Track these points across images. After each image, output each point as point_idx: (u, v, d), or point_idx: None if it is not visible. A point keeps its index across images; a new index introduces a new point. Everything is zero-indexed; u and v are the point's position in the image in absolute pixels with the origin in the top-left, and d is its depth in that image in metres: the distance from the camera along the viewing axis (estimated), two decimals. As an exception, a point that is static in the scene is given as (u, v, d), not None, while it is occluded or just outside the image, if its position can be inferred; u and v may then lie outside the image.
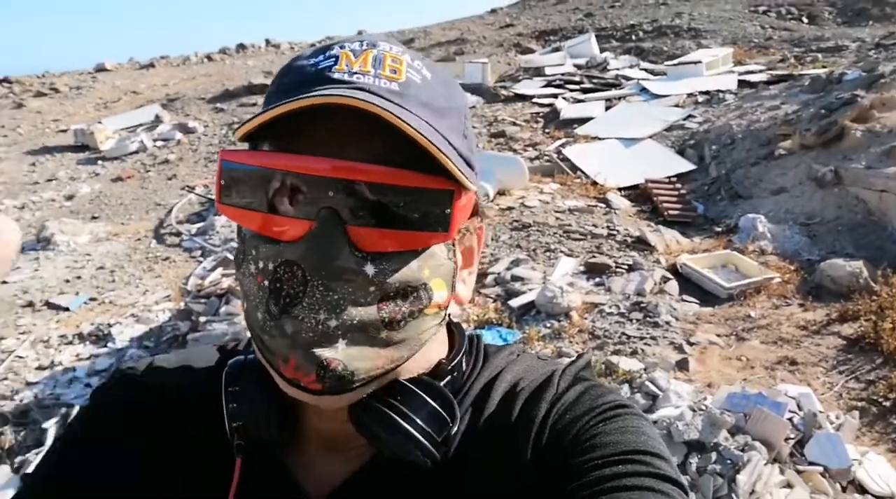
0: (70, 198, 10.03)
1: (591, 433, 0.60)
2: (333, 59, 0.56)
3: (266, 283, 0.54)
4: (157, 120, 13.45)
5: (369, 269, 0.53)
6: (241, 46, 24.12)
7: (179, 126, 12.79)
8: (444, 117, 0.57)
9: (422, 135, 0.51)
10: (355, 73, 0.55)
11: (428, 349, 0.63)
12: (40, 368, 5.11)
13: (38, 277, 6.91)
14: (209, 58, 22.60)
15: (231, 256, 5.97)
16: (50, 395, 4.72)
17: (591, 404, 0.63)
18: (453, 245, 0.61)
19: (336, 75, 0.55)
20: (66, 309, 6.15)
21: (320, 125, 0.54)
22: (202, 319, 4.74)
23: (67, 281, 6.83)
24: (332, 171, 0.52)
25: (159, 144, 12.17)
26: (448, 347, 0.70)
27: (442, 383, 0.64)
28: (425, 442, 0.59)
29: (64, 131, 13.60)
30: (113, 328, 5.54)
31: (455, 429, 0.62)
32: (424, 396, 0.61)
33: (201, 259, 6.86)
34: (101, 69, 21.00)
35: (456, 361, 0.67)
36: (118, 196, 9.83)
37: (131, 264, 7.20)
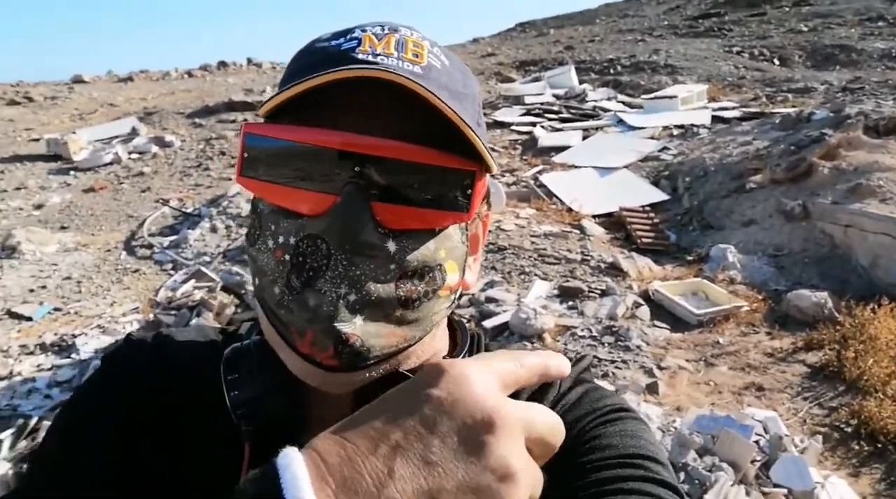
0: (39, 207, 9.84)
1: (592, 435, 0.60)
2: (356, 41, 0.57)
3: (287, 257, 0.54)
4: (134, 132, 13.32)
5: (391, 245, 0.54)
6: (223, 64, 24.13)
7: (156, 139, 12.68)
8: (461, 102, 0.58)
9: (454, 111, 0.52)
10: (379, 55, 0.55)
11: (433, 339, 0.63)
12: (-2, 378, 4.96)
13: (0, 286, 6.74)
14: (189, 74, 22.56)
15: (203, 269, 5.90)
16: (7, 405, 4.58)
17: (592, 406, 0.64)
18: (466, 229, 0.61)
19: (360, 56, 0.55)
20: (29, 319, 6.00)
21: (344, 101, 0.54)
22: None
23: (32, 290, 6.67)
24: (357, 146, 0.52)
25: (134, 156, 12.04)
26: (451, 344, 0.70)
27: None
28: None
29: (36, 140, 13.39)
30: (77, 339, 5.41)
31: None
32: None
33: (172, 272, 6.76)
34: (78, 81, 20.83)
35: (460, 357, 0.67)
36: (89, 207, 9.68)
37: (99, 275, 7.06)
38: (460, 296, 0.65)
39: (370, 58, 0.55)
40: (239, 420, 0.61)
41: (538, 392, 0.65)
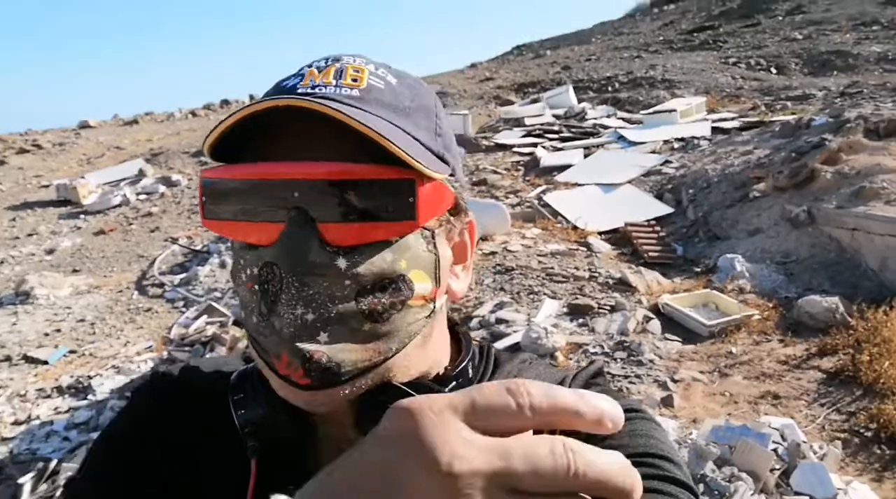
0: (51, 252, 9.96)
1: (601, 437, 0.60)
2: (300, 76, 0.60)
3: (256, 287, 0.56)
4: (141, 174, 13.50)
5: (341, 262, 0.55)
6: (225, 102, 24.48)
7: (163, 179, 12.85)
8: (408, 117, 0.60)
9: (358, 122, 0.53)
10: (317, 85, 0.58)
11: (427, 352, 0.63)
12: (16, 423, 4.99)
13: (15, 332, 6.80)
14: (193, 113, 22.89)
15: (215, 305, 5.95)
16: (26, 450, 4.60)
17: None
18: (432, 237, 0.61)
19: (300, 90, 0.58)
20: (45, 362, 6.05)
21: (275, 135, 0.58)
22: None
23: (47, 334, 6.74)
24: (289, 174, 0.54)
25: (142, 197, 12.20)
26: (454, 354, 0.71)
27: (447, 390, 0.63)
28: None
29: (46, 187, 13.59)
30: (93, 380, 5.44)
31: None
32: None
33: (184, 309, 6.81)
34: (84, 126, 21.16)
35: (461, 367, 0.67)
36: (100, 249, 9.79)
37: (112, 316, 7.13)
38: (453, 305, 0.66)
39: (308, 89, 0.58)
40: (246, 438, 0.64)
41: None
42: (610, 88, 16.77)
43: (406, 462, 0.36)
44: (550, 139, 11.97)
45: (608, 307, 5.44)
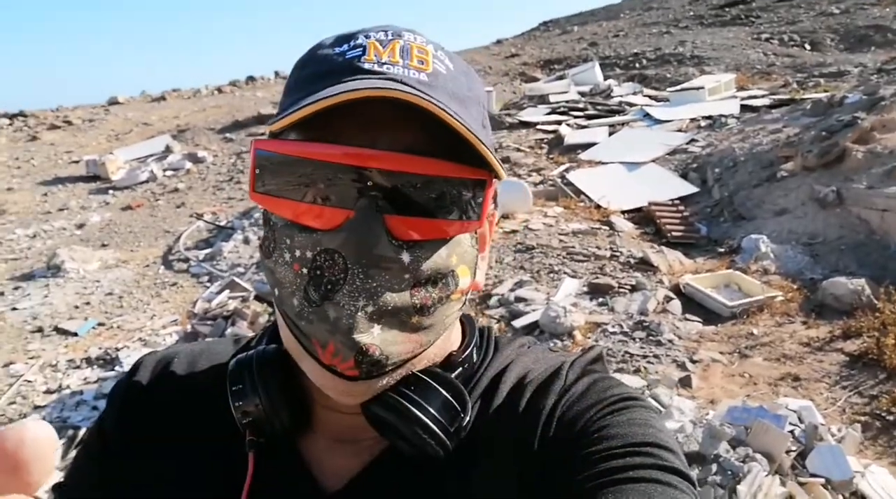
0: (81, 226, 10.17)
1: (599, 425, 0.60)
2: (361, 48, 0.57)
3: (305, 270, 0.54)
4: (168, 150, 13.67)
5: (405, 257, 0.54)
6: (251, 78, 24.57)
7: (189, 156, 13.01)
8: (468, 107, 0.58)
9: (461, 123, 0.52)
10: (384, 63, 0.55)
11: (445, 340, 0.64)
12: (48, 391, 5.15)
13: (47, 304, 6.99)
14: (219, 90, 23.02)
15: (237, 280, 6.04)
16: (57, 418, 4.75)
17: (598, 396, 0.63)
18: (476, 232, 0.61)
19: (366, 65, 0.55)
20: (75, 334, 6.22)
21: (352, 114, 0.54)
22: (208, 340, 4.79)
23: (76, 307, 6.91)
24: (367, 161, 0.52)
25: (169, 173, 12.37)
26: (460, 339, 0.71)
27: (453, 375, 0.64)
28: (439, 432, 0.59)
29: (76, 162, 13.85)
30: (120, 352, 5.59)
31: (467, 420, 0.62)
32: (437, 386, 0.61)
33: (208, 284, 6.93)
34: (113, 102, 21.44)
35: (467, 353, 0.68)
36: (128, 224, 9.97)
37: (139, 290, 7.28)
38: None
39: (376, 67, 0.55)
40: (244, 430, 0.63)
41: (544, 383, 0.65)
42: (637, 65, 16.47)
43: None
44: (575, 117, 11.83)
45: (629, 287, 5.41)
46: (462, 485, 0.61)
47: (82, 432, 4.34)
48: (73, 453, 4.25)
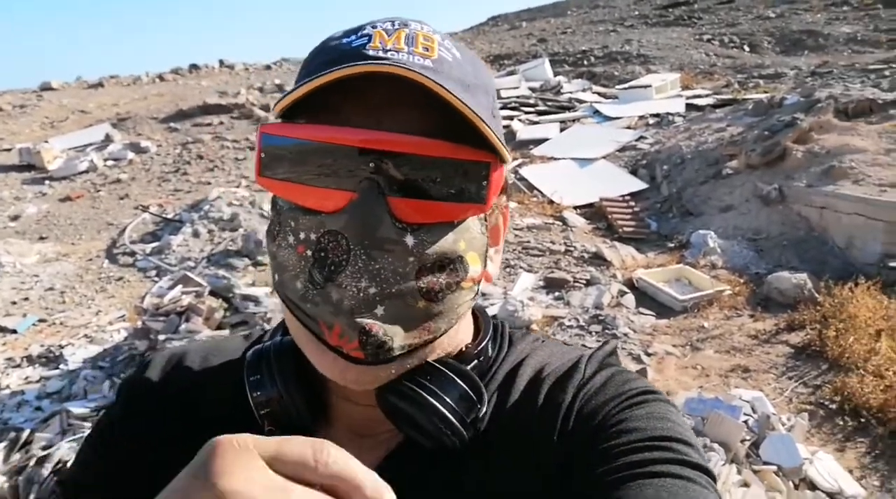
0: (15, 218, 9.70)
1: (618, 419, 0.60)
2: (366, 37, 0.57)
3: (309, 252, 0.55)
4: (108, 139, 13.14)
5: (409, 239, 0.54)
6: (195, 66, 23.82)
7: (131, 145, 12.53)
8: (474, 95, 0.58)
9: (465, 104, 0.52)
10: (389, 50, 0.56)
11: (458, 332, 0.63)
12: (-15, 392, 4.91)
13: (-18, 299, 6.65)
14: (161, 78, 22.24)
15: (190, 274, 5.87)
16: (-3, 419, 4.54)
17: (617, 390, 0.63)
18: (485, 220, 0.61)
19: (371, 52, 0.55)
20: (14, 331, 5.93)
21: (356, 98, 0.55)
22: (161, 337, 4.64)
23: (14, 303, 6.59)
24: (370, 142, 0.53)
25: (110, 163, 11.89)
26: (473, 332, 0.71)
27: (468, 367, 0.64)
28: (455, 422, 0.59)
29: (8, 151, 13.16)
30: (64, 350, 5.36)
31: (483, 411, 0.62)
32: (454, 376, 0.61)
33: (156, 279, 6.71)
34: (46, 88, 20.43)
35: (482, 346, 0.68)
36: (67, 216, 9.56)
37: (83, 285, 7.00)
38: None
39: (381, 53, 0.55)
40: (262, 421, 0.63)
41: (563, 377, 0.65)
42: (586, 62, 16.76)
43: (195, 483, 0.36)
44: (526, 112, 11.95)
45: (583, 281, 5.52)
46: (480, 478, 0.61)
47: (25, 433, 4.16)
48: (15, 457, 4.07)
